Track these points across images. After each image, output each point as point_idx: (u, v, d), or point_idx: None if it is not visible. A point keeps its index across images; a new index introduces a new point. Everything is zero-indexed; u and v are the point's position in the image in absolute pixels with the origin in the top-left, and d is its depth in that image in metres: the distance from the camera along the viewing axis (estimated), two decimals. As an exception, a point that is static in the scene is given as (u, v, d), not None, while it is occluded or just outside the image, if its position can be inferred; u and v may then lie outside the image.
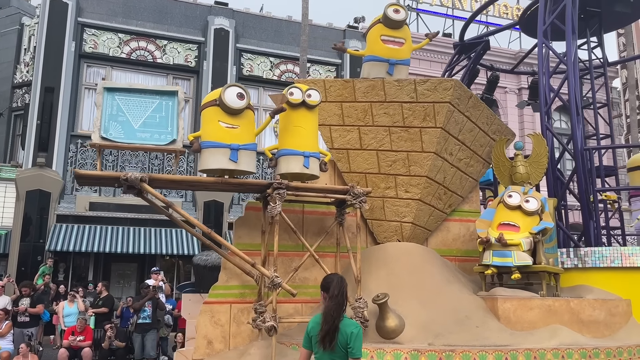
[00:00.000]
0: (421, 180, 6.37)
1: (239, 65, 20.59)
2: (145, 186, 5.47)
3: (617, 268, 6.27)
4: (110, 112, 5.62)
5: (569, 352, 5.37)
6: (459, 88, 6.25)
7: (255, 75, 20.80)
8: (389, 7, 6.58)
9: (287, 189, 5.73)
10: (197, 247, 17.24)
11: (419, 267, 6.24)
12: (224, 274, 6.24)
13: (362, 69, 6.92)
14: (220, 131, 5.68)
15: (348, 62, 21.91)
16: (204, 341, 6.04)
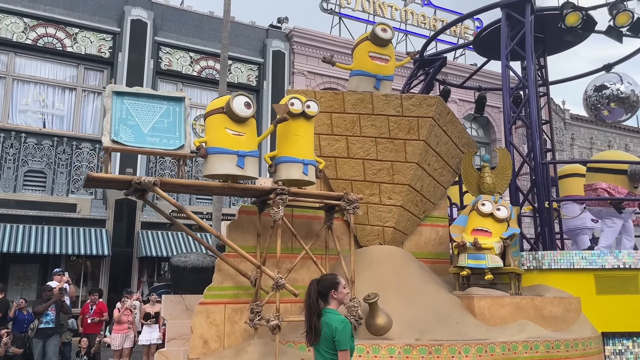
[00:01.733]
0: (403, 188, 6.99)
1: (157, 58, 19.99)
2: (157, 190, 5.69)
3: (568, 269, 7.22)
4: (120, 116, 5.76)
5: (536, 344, 6.18)
6: (441, 105, 6.93)
7: (174, 70, 20.30)
8: (378, 27, 7.13)
9: (284, 195, 6.16)
10: (106, 247, 16.71)
11: (401, 268, 6.86)
12: (218, 275, 6.52)
13: (350, 82, 7.44)
14: (227, 138, 5.98)
15: (270, 62, 21.94)
16: (200, 341, 6.30)
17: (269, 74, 21.98)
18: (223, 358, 6.14)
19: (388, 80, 7.26)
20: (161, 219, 18.20)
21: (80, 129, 18.72)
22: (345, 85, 23.73)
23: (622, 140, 32.66)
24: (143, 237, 17.87)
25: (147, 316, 11.81)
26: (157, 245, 17.80)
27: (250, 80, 21.92)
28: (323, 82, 23.47)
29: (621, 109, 9.66)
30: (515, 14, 8.35)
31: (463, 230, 7.00)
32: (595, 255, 7.24)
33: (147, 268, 18.77)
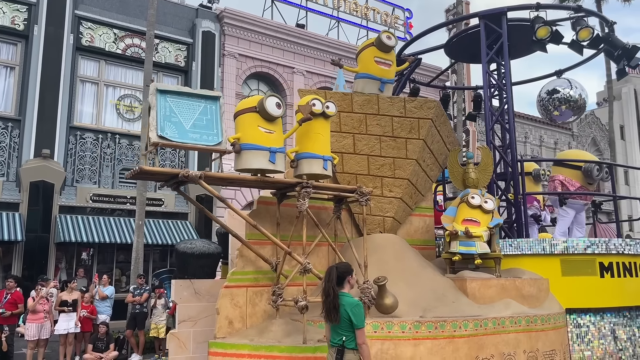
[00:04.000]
0: (403, 182, 7.85)
1: (77, 33, 19.55)
2: (202, 182, 6.24)
3: (539, 254, 8.38)
4: (164, 113, 6.20)
5: (519, 319, 7.24)
6: (439, 108, 7.82)
7: (96, 47, 19.97)
8: (384, 34, 7.89)
9: (308, 188, 6.85)
10: (20, 231, 16.49)
11: (400, 254, 7.74)
12: (240, 260, 7.11)
13: (355, 84, 8.15)
14: (260, 136, 6.56)
15: (200, 43, 22.02)
16: (225, 321, 6.89)
17: (198, 55, 22.00)
18: (248, 336, 6.77)
19: (390, 83, 8.08)
20: (81, 203, 18.35)
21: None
22: (276, 69, 24.26)
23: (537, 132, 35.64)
24: (61, 222, 17.54)
25: (64, 304, 11.98)
26: (77, 231, 17.53)
27: (179, 61, 21.85)
28: (254, 65, 23.78)
29: (570, 111, 10.99)
30: (492, 24, 9.40)
31: (453, 220, 8.00)
32: (561, 242, 8.47)
33: (66, 254, 18.53)
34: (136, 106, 20.78)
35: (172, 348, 7.70)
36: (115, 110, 20.67)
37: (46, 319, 11.65)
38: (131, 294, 13.18)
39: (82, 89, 20.10)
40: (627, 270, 8.53)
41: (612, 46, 9.61)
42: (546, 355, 7.35)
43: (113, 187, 19.63)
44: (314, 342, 6.41)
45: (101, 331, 12.24)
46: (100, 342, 12.20)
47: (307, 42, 25.19)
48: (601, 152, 40.08)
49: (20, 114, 18.30)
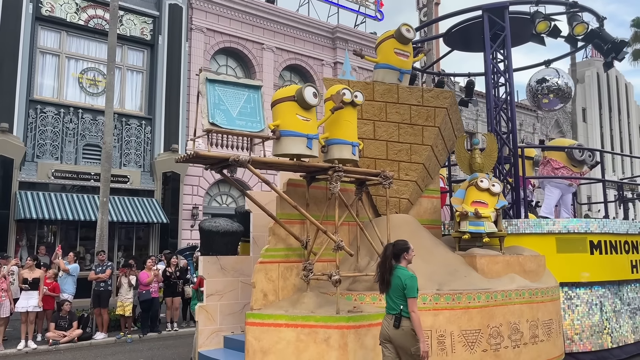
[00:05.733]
0: (419, 166, 8.98)
1: (37, 3, 19.79)
2: (249, 166, 7.18)
3: (537, 233, 9.71)
4: (214, 101, 7.08)
5: (523, 292, 8.52)
6: (453, 98, 8.98)
7: (57, 17, 20.28)
8: (403, 27, 8.93)
9: (340, 172, 7.87)
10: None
11: (416, 232, 8.87)
12: (273, 238, 8.07)
13: (375, 74, 9.18)
14: (298, 123, 7.52)
15: (167, 16, 22.59)
16: (261, 294, 7.89)
17: (164, 29, 22.54)
18: (282, 308, 7.78)
19: (408, 73, 9.15)
20: (42, 179, 18.80)
21: None
22: (245, 45, 24.99)
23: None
24: (21, 198, 18.00)
25: (25, 282, 12.59)
26: (38, 207, 18.01)
27: (144, 34, 22.32)
28: (223, 40, 24.46)
29: (557, 99, 12.35)
30: (494, 17, 10.58)
31: (462, 202, 9.21)
32: (556, 222, 9.82)
33: (27, 231, 19.07)
34: (100, 80, 21.15)
35: (201, 320, 8.70)
36: (77, 83, 20.97)
37: (4, 298, 12.15)
38: (93, 272, 13.85)
39: (43, 60, 20.35)
40: (613, 247, 9.98)
41: (602, 40, 10.96)
42: (545, 324, 8.69)
43: (76, 163, 20.10)
44: (345, 312, 7.45)
45: (64, 309, 12.91)
46: (63, 320, 12.90)
47: (277, 17, 25.96)
48: (564, 133, 42.49)
49: None
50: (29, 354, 12.09)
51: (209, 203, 23.86)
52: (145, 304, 13.98)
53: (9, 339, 12.79)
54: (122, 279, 13.95)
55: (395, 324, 5.99)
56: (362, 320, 7.30)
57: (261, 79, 24.85)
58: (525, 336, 8.28)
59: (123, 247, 21.27)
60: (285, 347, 7.25)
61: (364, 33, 29.09)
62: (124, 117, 21.49)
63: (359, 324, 7.25)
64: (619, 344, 9.95)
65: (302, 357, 7.18)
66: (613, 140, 47.85)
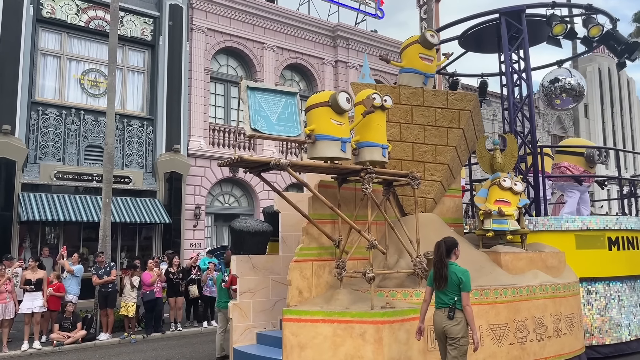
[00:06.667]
0: (443, 167, 9.63)
1: (38, 4, 20.27)
2: (290, 170, 7.78)
3: (557, 231, 10.39)
4: (255, 108, 7.68)
5: (546, 287, 9.19)
6: (476, 100, 9.65)
7: (58, 19, 20.75)
8: (427, 32, 9.58)
9: (372, 173, 8.48)
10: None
11: (441, 230, 9.50)
12: (306, 238, 8.67)
13: (400, 78, 9.83)
14: (333, 127, 8.13)
15: (167, 16, 23.07)
16: (296, 291, 8.49)
17: (165, 29, 23.02)
18: (317, 305, 8.38)
19: (432, 77, 9.81)
20: (44, 180, 19.32)
21: None
22: (246, 44, 25.52)
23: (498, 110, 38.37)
24: (24, 200, 18.45)
25: (28, 282, 13.04)
26: (41, 209, 18.44)
27: (145, 35, 22.78)
28: (223, 40, 24.99)
29: (570, 98, 13.03)
30: (511, 20, 11.26)
31: (485, 201, 9.86)
32: (575, 219, 10.50)
33: (30, 233, 19.51)
34: (101, 81, 21.64)
35: (235, 317, 9.35)
36: (79, 85, 21.44)
37: (9, 299, 12.65)
38: (95, 275, 14.30)
39: (44, 62, 20.82)
40: (630, 243, 10.67)
41: (616, 41, 11.65)
42: (567, 318, 9.36)
43: (78, 164, 20.57)
44: (378, 308, 8.05)
45: (68, 310, 13.44)
46: (67, 321, 13.43)
47: (278, 17, 26.52)
48: (565, 130, 43.35)
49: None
50: (33, 355, 12.59)
51: (211, 203, 24.41)
52: (149, 305, 14.53)
53: (13, 341, 13.29)
54: (125, 280, 14.49)
55: (449, 315, 6.63)
56: (395, 316, 7.87)
57: (262, 79, 25.51)
58: (549, 330, 8.94)
59: (126, 248, 21.75)
60: (323, 342, 7.84)
61: (365, 31, 29.73)
62: (125, 117, 21.97)
63: (392, 319, 7.83)
64: (637, 336, 10.66)
65: (339, 351, 7.77)
66: (615, 136, 48.74)
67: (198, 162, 23.49)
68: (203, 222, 23.47)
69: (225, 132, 24.65)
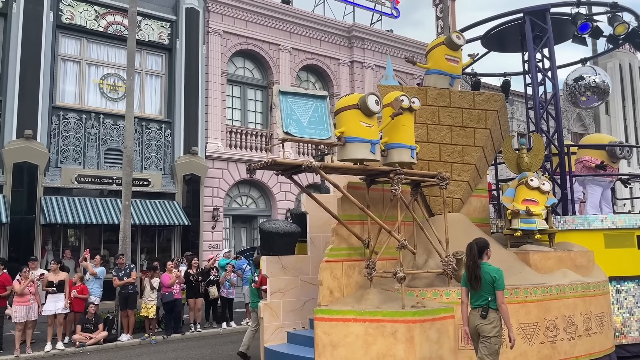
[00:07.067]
0: (471, 167, 9.82)
1: (57, 11, 20.74)
2: (321, 172, 8.01)
3: (585, 230, 10.54)
4: (286, 112, 7.92)
5: (576, 286, 9.34)
6: (502, 101, 9.84)
7: (77, 25, 21.19)
8: (453, 34, 9.78)
9: (401, 174, 8.70)
10: (4, 213, 17.81)
11: (468, 230, 9.69)
12: (336, 238, 8.90)
13: (426, 79, 10.05)
14: (362, 129, 8.34)
15: (184, 20, 23.44)
16: (327, 291, 8.71)
17: (182, 33, 23.36)
18: (348, 304, 8.59)
19: (458, 78, 10.02)
20: (66, 184, 19.84)
21: None
22: (262, 46, 25.77)
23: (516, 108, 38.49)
24: (46, 203, 18.89)
25: (50, 284, 13.41)
26: (63, 212, 18.86)
27: (162, 39, 23.14)
28: (239, 42, 25.28)
29: (594, 96, 13.17)
30: (536, 19, 11.44)
31: (512, 200, 10.04)
32: (604, 218, 10.66)
33: (52, 236, 19.95)
34: (120, 85, 22.04)
35: (266, 317, 9.63)
36: (98, 89, 21.87)
37: (33, 301, 12.97)
38: (116, 277, 14.68)
39: (64, 68, 21.26)
40: (660, 242, 10.81)
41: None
42: (597, 317, 9.51)
43: (98, 167, 20.98)
44: (409, 307, 8.25)
45: (90, 311, 13.80)
46: (89, 322, 13.79)
47: (293, 18, 26.77)
48: (586, 127, 43.26)
49: (0, 95, 19.45)
50: (56, 356, 12.93)
51: (229, 204, 24.71)
52: (168, 306, 14.87)
53: (37, 342, 13.64)
54: (145, 282, 14.85)
55: (482, 314, 6.82)
56: (426, 315, 8.05)
57: (278, 80, 25.82)
58: (580, 329, 9.10)
59: (146, 250, 22.13)
60: (354, 341, 8.05)
61: (381, 31, 29.89)
62: (144, 121, 22.33)
63: (423, 318, 8.01)
64: (667, 335, 10.80)
65: (371, 350, 7.96)
66: (637, 133, 48.52)
67: (216, 164, 23.80)
68: (221, 224, 23.77)
69: (242, 134, 24.96)
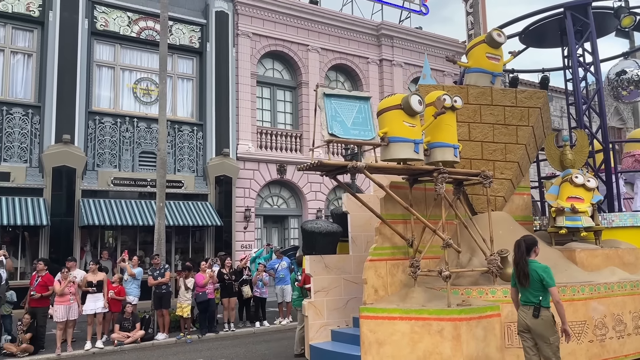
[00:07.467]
0: (514, 165, 9.90)
1: (92, 18, 21.41)
2: (366, 172, 8.17)
3: (632, 227, 10.53)
4: (331, 114, 8.08)
5: (624, 284, 9.30)
6: (545, 98, 9.90)
7: (111, 31, 21.87)
8: (494, 32, 9.87)
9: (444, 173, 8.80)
10: (45, 216, 18.44)
11: (512, 229, 9.75)
12: (379, 238, 9.04)
13: (467, 78, 10.16)
14: (406, 129, 8.47)
15: (213, 24, 23.90)
16: (372, 290, 8.86)
17: (212, 36, 23.85)
18: (393, 302, 8.71)
19: (500, 76, 10.11)
20: (102, 187, 20.38)
21: (11, 93, 19.97)
22: (291, 47, 26.01)
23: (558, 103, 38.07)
24: (84, 206, 19.55)
25: (89, 285, 13.88)
26: (100, 214, 19.47)
27: (193, 42, 23.63)
28: (269, 44, 25.57)
29: (637, 90, 13.12)
30: (577, 14, 11.47)
31: (556, 198, 10.09)
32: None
33: (90, 237, 20.63)
34: (153, 89, 22.61)
35: (310, 315, 9.88)
36: (132, 93, 22.47)
37: (73, 301, 13.42)
38: (151, 277, 15.09)
39: (99, 73, 21.98)
40: None
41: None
42: (646, 315, 9.51)
43: (133, 170, 21.63)
44: (455, 305, 8.34)
45: (127, 311, 14.28)
46: (127, 321, 14.27)
47: (321, 18, 27.00)
48: (624, 121, 42.67)
49: (39, 101, 20.20)
50: (96, 354, 13.37)
51: (260, 205, 25.05)
52: (202, 305, 15.24)
53: (77, 340, 14.09)
54: (180, 282, 15.23)
55: (534, 314, 6.86)
56: (472, 313, 8.15)
57: (307, 80, 26.11)
58: (629, 327, 9.11)
59: (180, 250, 22.70)
60: (401, 339, 8.18)
61: (409, 28, 29.91)
62: (176, 124, 22.80)
63: (469, 316, 8.10)
64: None
65: (417, 347, 8.08)
66: (676, 127, 47.73)
67: (247, 165, 24.16)
68: (253, 224, 24.19)
69: (272, 134, 25.29)
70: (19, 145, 19.58)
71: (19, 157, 19.52)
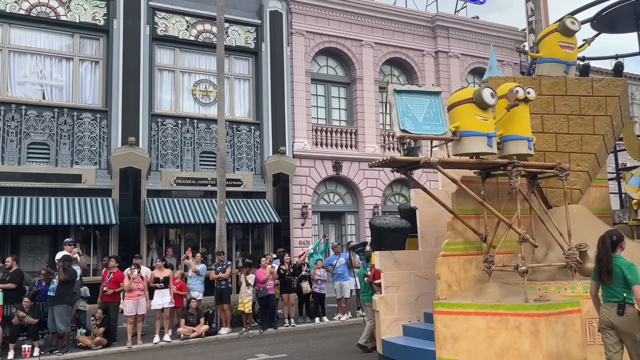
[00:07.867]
0: (590, 156, 9.74)
1: (153, 24, 22.16)
2: (439, 167, 8.18)
3: None
4: (403, 110, 8.11)
5: None
6: (624, 86, 9.71)
7: (171, 36, 22.60)
8: (567, 20, 9.72)
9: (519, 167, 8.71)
10: (113, 215, 19.21)
11: (590, 222, 9.56)
12: (452, 233, 9.01)
13: (539, 68, 10.04)
14: (478, 123, 8.40)
15: (268, 23, 24.26)
16: (445, 285, 8.84)
17: (267, 36, 24.24)
18: (467, 298, 8.64)
19: (574, 65, 9.96)
20: (166, 186, 21.09)
21: (80, 99, 20.84)
22: (344, 43, 26.05)
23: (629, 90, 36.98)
24: (149, 205, 20.41)
25: (156, 281, 14.49)
26: (164, 213, 20.28)
27: (249, 43, 24.08)
28: (322, 41, 25.72)
29: None
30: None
31: (638, 190, 9.86)
32: None
33: (156, 235, 21.49)
34: (211, 90, 23.25)
35: (381, 310, 10.01)
36: (191, 95, 23.15)
37: (141, 296, 14.05)
38: (214, 271, 15.66)
39: (160, 77, 22.74)
40: None
41: None
42: None
43: (194, 170, 22.31)
44: (532, 301, 8.24)
45: (192, 306, 14.81)
46: (191, 316, 14.83)
47: (375, 12, 26.97)
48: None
49: (106, 105, 21.12)
50: (164, 347, 13.95)
51: (317, 201, 25.28)
52: (263, 301, 15.62)
53: (145, 334, 14.75)
54: (241, 278, 15.72)
55: (619, 311, 6.67)
56: (551, 309, 8.02)
57: (361, 76, 26.18)
58: None
59: (240, 247, 23.35)
60: (477, 334, 8.14)
61: (466, 18, 29.53)
62: (234, 123, 23.32)
63: (548, 312, 7.97)
64: None
65: (494, 343, 8.01)
66: None
67: (303, 163, 24.41)
68: (310, 221, 24.47)
69: (327, 131, 25.46)
70: (88, 149, 20.47)
71: (89, 159, 20.41)
